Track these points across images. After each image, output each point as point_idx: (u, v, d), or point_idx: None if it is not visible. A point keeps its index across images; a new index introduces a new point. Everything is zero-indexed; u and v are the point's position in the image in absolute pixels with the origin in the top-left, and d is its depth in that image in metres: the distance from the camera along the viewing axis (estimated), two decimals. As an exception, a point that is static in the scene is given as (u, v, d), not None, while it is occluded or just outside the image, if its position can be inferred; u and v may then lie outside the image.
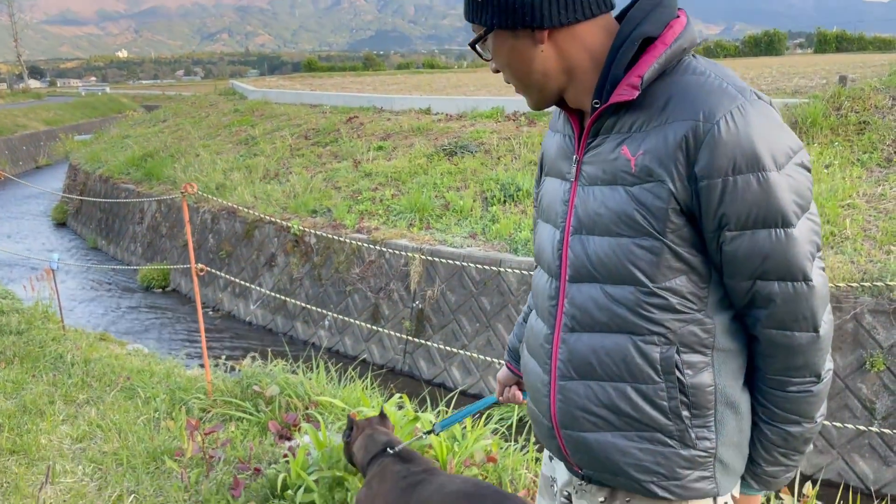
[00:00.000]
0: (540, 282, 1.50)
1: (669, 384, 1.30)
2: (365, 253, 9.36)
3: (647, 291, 1.28)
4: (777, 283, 1.25)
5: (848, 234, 6.69)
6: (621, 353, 1.32)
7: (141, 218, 14.15)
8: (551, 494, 1.63)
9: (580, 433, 1.39)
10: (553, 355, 1.42)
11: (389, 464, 2.77)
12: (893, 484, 5.75)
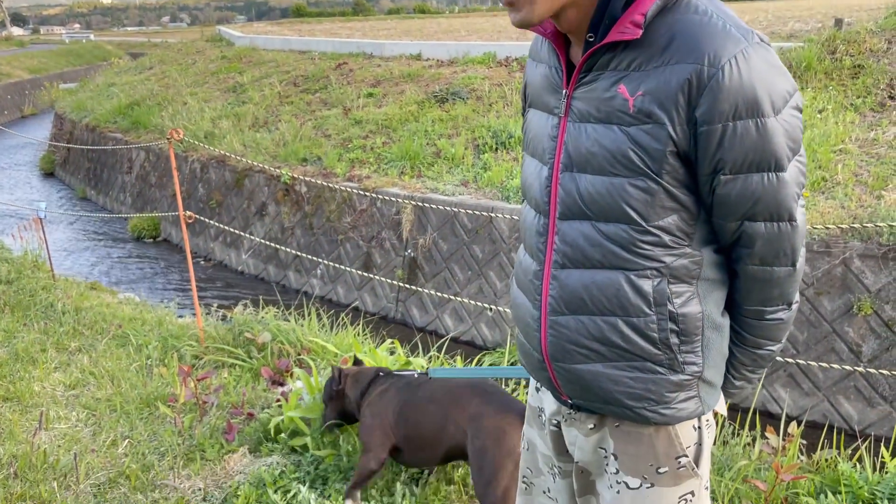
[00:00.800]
0: (528, 218, 1.50)
1: (660, 315, 1.33)
2: (356, 201, 9.32)
3: (641, 230, 1.30)
4: (764, 224, 1.29)
5: (839, 179, 6.69)
6: (613, 287, 1.34)
7: (129, 167, 14.01)
8: (540, 424, 1.66)
9: (572, 365, 1.41)
10: (543, 291, 1.43)
11: (385, 383, 2.90)
12: (877, 424, 5.86)
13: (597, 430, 1.48)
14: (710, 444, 1.48)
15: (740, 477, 2.92)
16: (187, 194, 11.70)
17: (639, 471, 1.44)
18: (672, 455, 1.43)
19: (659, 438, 1.42)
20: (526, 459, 1.74)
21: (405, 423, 2.78)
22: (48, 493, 3.04)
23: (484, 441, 2.47)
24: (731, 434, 3.48)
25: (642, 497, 1.45)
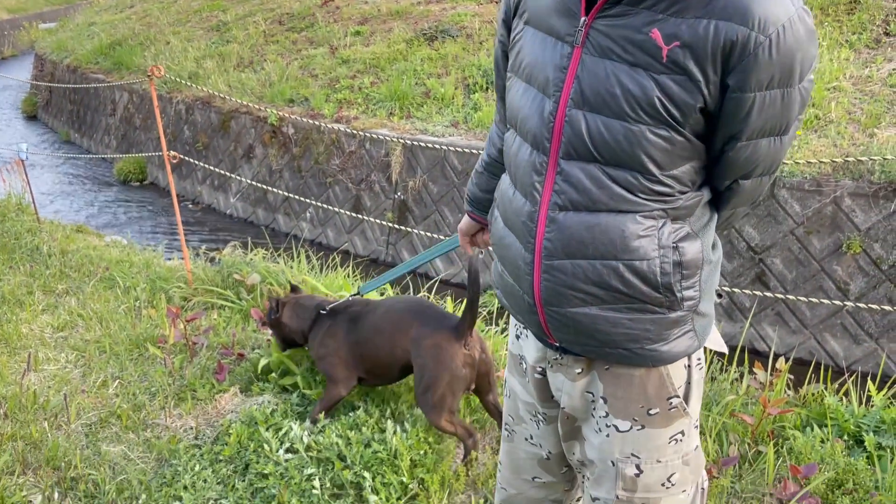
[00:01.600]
0: (521, 153, 1.40)
1: (664, 259, 1.30)
2: (345, 143, 9.20)
3: (653, 179, 1.26)
4: (752, 180, 1.33)
5: (833, 117, 6.63)
6: (618, 231, 1.28)
7: (113, 109, 13.76)
8: (521, 372, 1.64)
9: (566, 310, 1.36)
10: (538, 234, 1.35)
11: (329, 320, 3.06)
12: (862, 361, 5.94)
13: (584, 375, 1.46)
14: (700, 383, 1.46)
15: (728, 412, 2.95)
16: (173, 137, 11.53)
17: (629, 413, 1.42)
18: (663, 396, 1.41)
19: (650, 380, 1.40)
20: (508, 407, 1.72)
21: (361, 359, 2.96)
22: (39, 433, 3.05)
23: (424, 359, 2.71)
24: (719, 370, 3.51)
25: (632, 439, 1.44)
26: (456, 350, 2.69)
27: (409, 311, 2.87)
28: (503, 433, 1.76)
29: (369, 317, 2.97)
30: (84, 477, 2.78)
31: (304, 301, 3.22)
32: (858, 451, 2.72)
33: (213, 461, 2.85)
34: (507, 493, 1.77)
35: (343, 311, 3.09)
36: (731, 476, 2.63)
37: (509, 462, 1.74)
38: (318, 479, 2.66)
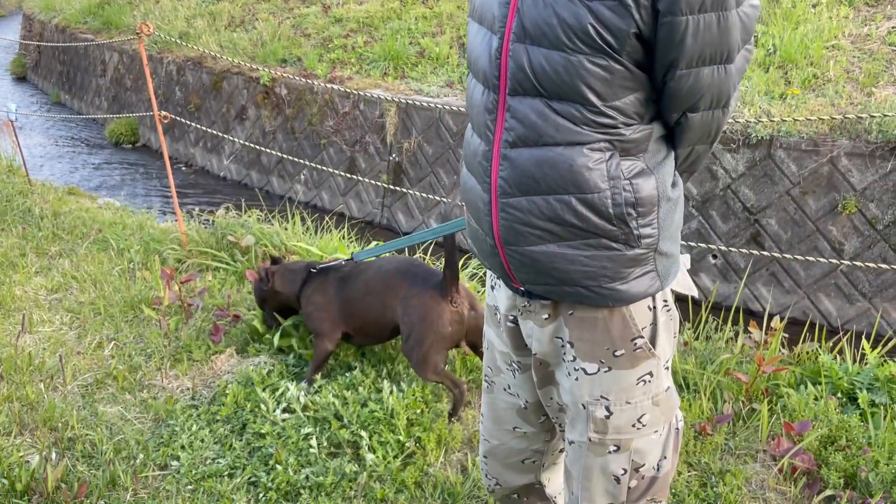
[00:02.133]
0: (475, 94, 1.41)
1: (615, 190, 1.29)
2: (338, 104, 9.11)
3: (595, 110, 1.26)
4: (702, 114, 1.31)
5: (831, 76, 6.57)
6: (567, 164, 1.29)
7: (103, 70, 13.57)
8: (496, 322, 1.64)
9: (525, 248, 1.37)
10: (493, 172, 1.36)
11: (320, 277, 3.12)
12: (855, 320, 5.98)
13: (552, 321, 1.47)
14: (669, 326, 1.46)
15: (723, 370, 2.96)
16: (164, 98, 11.39)
17: (595, 356, 1.43)
18: (627, 337, 1.42)
19: (613, 321, 1.41)
20: (487, 358, 1.74)
21: (350, 317, 3.01)
22: (35, 394, 3.05)
23: (411, 317, 2.78)
24: (714, 329, 3.52)
25: (600, 381, 1.44)
26: (443, 308, 2.75)
27: (398, 271, 2.92)
28: (483, 385, 1.77)
29: (360, 276, 3.02)
30: (81, 437, 2.78)
31: (293, 266, 3.26)
32: (852, 408, 2.74)
33: (210, 421, 2.86)
34: (490, 445, 1.78)
35: (334, 270, 3.13)
36: (726, 433, 2.66)
37: (490, 413, 1.76)
38: (314, 439, 2.67)
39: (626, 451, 1.47)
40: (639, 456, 1.48)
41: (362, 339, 3.12)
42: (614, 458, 1.47)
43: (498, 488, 1.83)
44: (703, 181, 6.56)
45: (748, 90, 6.61)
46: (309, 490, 2.46)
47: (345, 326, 3.04)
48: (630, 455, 1.47)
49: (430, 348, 2.75)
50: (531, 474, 1.79)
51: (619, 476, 1.49)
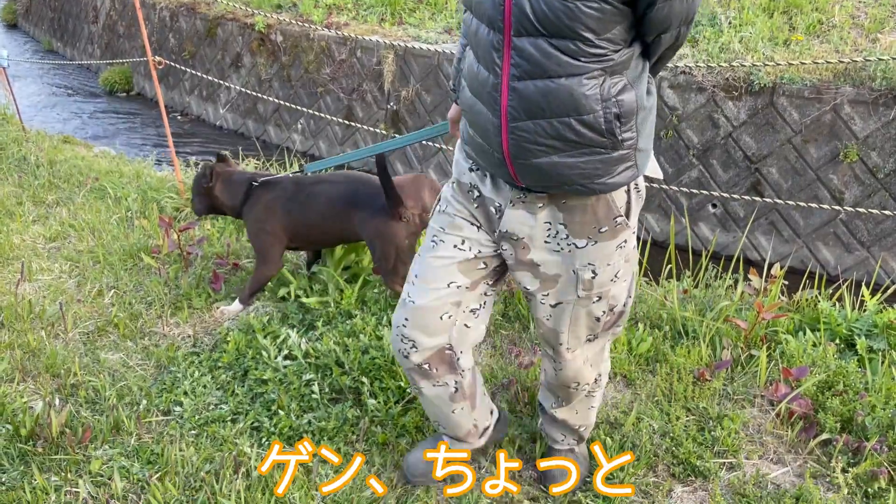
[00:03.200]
0: (480, 33, 1.61)
1: (606, 109, 1.54)
2: (335, 51, 8.96)
3: (591, 44, 1.48)
4: (671, 33, 1.54)
5: (836, 21, 6.47)
6: (567, 92, 1.53)
7: (95, 16, 13.31)
8: (469, 198, 1.87)
9: (531, 160, 1.63)
10: (503, 101, 1.60)
11: (264, 193, 3.16)
12: (853, 269, 5.99)
13: (544, 208, 1.75)
14: (638, 202, 1.79)
15: (722, 317, 2.97)
16: (158, 45, 11.20)
17: (585, 234, 1.76)
18: (610, 216, 1.74)
19: (599, 206, 1.72)
20: (438, 220, 1.94)
21: (298, 236, 3.14)
22: (37, 342, 3.06)
23: (371, 238, 2.97)
24: (714, 277, 3.53)
25: (588, 252, 1.77)
26: (395, 226, 2.92)
27: (344, 198, 3.02)
28: (428, 244, 1.94)
29: (311, 197, 3.08)
30: (84, 384, 2.80)
31: (238, 178, 3.27)
32: (850, 354, 2.76)
33: (213, 368, 2.88)
34: (414, 306, 1.93)
35: (280, 185, 3.17)
36: (724, 379, 2.68)
37: (423, 272, 1.93)
38: (316, 385, 2.69)
39: (605, 298, 1.85)
40: (614, 300, 1.87)
41: (309, 248, 3.33)
42: (597, 305, 1.86)
43: (413, 351, 1.97)
44: (704, 129, 6.51)
45: (752, 36, 6.51)
46: (311, 434, 2.48)
47: (292, 243, 3.18)
48: (608, 300, 1.86)
49: (395, 263, 2.94)
50: (445, 335, 1.96)
51: (599, 317, 1.89)
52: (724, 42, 6.55)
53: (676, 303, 3.09)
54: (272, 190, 3.16)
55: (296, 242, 3.21)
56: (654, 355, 2.83)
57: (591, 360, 2.04)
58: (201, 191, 3.29)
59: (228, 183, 3.26)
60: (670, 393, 2.61)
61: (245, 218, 3.22)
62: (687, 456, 2.32)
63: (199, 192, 3.31)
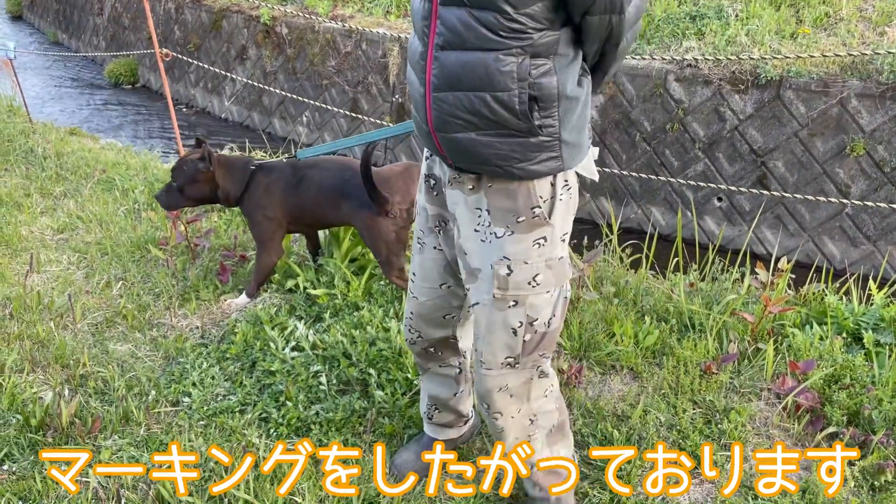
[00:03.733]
0: (415, 3, 1.66)
1: (521, 89, 1.54)
2: (340, 44, 8.96)
3: (509, 17, 1.48)
4: (599, 16, 1.51)
5: (843, 14, 6.44)
6: (483, 66, 1.53)
7: (101, 9, 13.32)
8: (428, 189, 1.92)
9: (452, 134, 1.64)
10: (427, 70, 1.62)
11: (265, 178, 3.17)
12: (859, 263, 5.98)
13: (475, 192, 1.74)
14: (568, 203, 1.74)
15: (728, 311, 2.97)
16: (163, 38, 11.20)
17: (504, 221, 1.71)
18: (528, 206, 1.70)
19: (520, 193, 1.69)
20: (419, 223, 2.00)
21: (297, 221, 3.20)
22: (46, 333, 3.08)
23: (360, 229, 3.03)
24: (721, 271, 3.53)
25: (504, 243, 1.72)
26: (381, 223, 2.95)
27: (334, 187, 3.05)
28: (415, 247, 2.02)
29: (307, 182, 3.11)
30: (93, 374, 2.82)
31: (236, 163, 3.24)
32: (857, 348, 2.77)
33: (221, 359, 2.89)
34: (417, 302, 2.05)
35: (278, 170, 3.17)
36: (731, 372, 2.68)
37: (420, 272, 2.02)
38: (324, 376, 2.70)
39: (522, 305, 1.75)
40: (533, 311, 1.76)
41: (304, 231, 3.38)
42: (513, 311, 1.75)
43: (419, 340, 2.11)
44: (710, 123, 6.50)
45: (759, 29, 6.49)
46: (319, 425, 2.50)
47: (290, 226, 3.22)
48: (525, 310, 1.75)
49: (387, 255, 2.99)
50: (449, 328, 2.09)
51: (517, 328, 1.77)
52: (731, 35, 6.53)
53: (683, 296, 3.09)
54: (271, 173, 3.16)
55: (294, 226, 3.25)
56: (661, 348, 2.84)
57: (513, 391, 1.87)
58: (198, 177, 3.17)
59: (230, 168, 3.19)
60: (677, 386, 2.62)
61: (244, 205, 3.20)
62: (694, 448, 2.33)
63: (195, 180, 3.17)
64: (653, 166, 6.85)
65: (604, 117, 7.03)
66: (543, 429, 1.98)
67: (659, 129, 6.78)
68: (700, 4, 7.08)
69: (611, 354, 2.80)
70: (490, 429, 1.99)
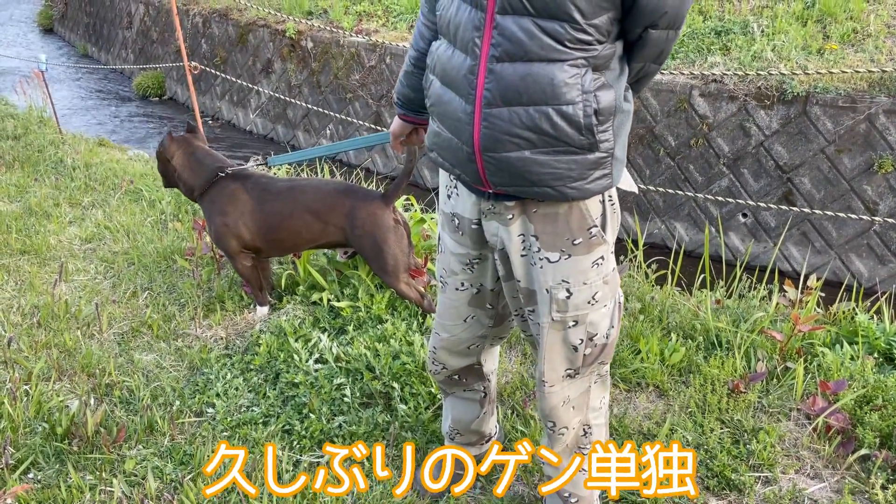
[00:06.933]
0: (460, 13, 1.54)
1: (587, 102, 1.48)
2: (364, 58, 9.01)
3: (577, 27, 1.43)
4: (661, 30, 1.49)
5: (871, 30, 6.38)
6: (548, 77, 1.46)
7: (129, 22, 13.52)
8: (453, 228, 1.84)
9: (503, 154, 1.54)
10: (479, 85, 1.52)
11: (231, 184, 3.06)
12: (888, 282, 5.89)
13: (515, 220, 1.67)
14: (614, 217, 1.70)
15: (757, 329, 2.94)
16: (190, 51, 11.34)
17: (557, 246, 1.65)
18: (584, 227, 1.64)
19: (572, 215, 1.63)
20: (441, 261, 1.95)
21: (270, 231, 3.03)
22: (72, 342, 3.10)
23: (363, 229, 2.92)
24: (748, 288, 3.49)
25: (562, 268, 1.67)
26: (389, 214, 2.94)
27: (338, 191, 3.00)
28: (439, 286, 1.99)
29: (291, 193, 3.01)
30: (119, 383, 2.83)
31: (203, 157, 3.14)
32: (889, 368, 2.72)
33: (244, 370, 2.90)
34: (441, 338, 2.04)
35: (249, 179, 3.08)
36: (759, 391, 2.64)
37: (444, 310, 1.99)
38: (347, 388, 2.70)
39: (582, 324, 1.72)
40: (592, 327, 1.73)
41: (270, 254, 3.20)
42: (573, 331, 1.72)
43: (444, 371, 2.10)
44: (735, 138, 6.45)
45: (784, 44, 6.44)
46: (342, 438, 2.49)
47: (256, 240, 3.07)
48: (586, 327, 1.72)
49: (395, 252, 2.93)
50: (473, 357, 2.08)
51: (577, 346, 1.74)
52: (757, 50, 6.49)
53: (709, 313, 3.06)
54: (241, 181, 3.07)
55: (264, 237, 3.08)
56: (688, 366, 2.80)
57: (574, 402, 1.86)
58: (160, 157, 3.19)
59: (191, 162, 3.12)
60: (704, 404, 2.59)
61: (204, 206, 3.12)
62: (721, 469, 2.29)
63: (158, 159, 3.20)
64: (677, 181, 6.81)
65: (628, 132, 7.00)
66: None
67: (683, 144, 6.74)
68: (725, 20, 7.05)
69: (636, 371, 2.77)
70: (550, 443, 1.95)
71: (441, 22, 1.64)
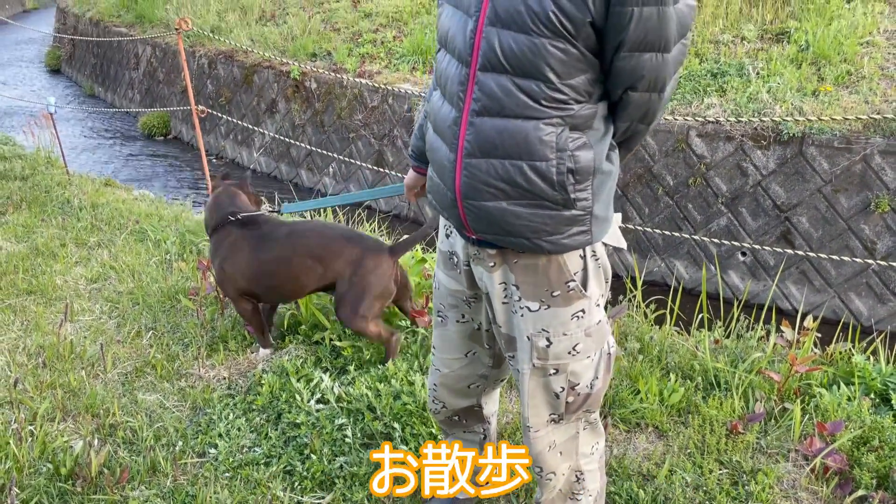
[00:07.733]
0: (449, 68, 1.62)
1: (560, 160, 1.52)
2: (367, 98, 9.16)
3: (553, 87, 1.48)
4: (641, 93, 1.52)
5: (865, 73, 6.49)
6: (522, 134, 1.51)
7: (136, 63, 13.75)
8: (451, 266, 1.90)
9: (481, 202, 1.60)
10: (460, 136, 1.59)
11: (235, 229, 3.16)
12: (887, 321, 5.91)
13: (497, 268, 1.73)
14: (598, 272, 1.73)
15: (755, 369, 2.96)
16: (196, 91, 11.52)
17: (537, 296, 1.70)
18: (562, 280, 1.68)
19: (551, 268, 1.67)
20: (437, 297, 2.00)
21: (267, 277, 3.10)
22: (77, 382, 3.14)
23: (360, 276, 3.00)
24: (746, 328, 3.52)
25: (541, 317, 1.71)
26: (391, 268, 3.04)
27: (343, 237, 3.09)
28: (436, 320, 2.03)
29: (292, 238, 3.08)
30: (122, 424, 2.86)
31: (223, 199, 3.27)
32: (885, 409, 2.74)
33: (247, 410, 2.93)
34: (441, 374, 2.07)
35: (251, 225, 3.17)
36: (757, 432, 2.66)
37: (442, 344, 2.03)
38: (349, 429, 2.72)
39: (563, 373, 1.75)
40: (574, 377, 1.76)
41: (271, 300, 3.28)
42: (554, 378, 1.76)
43: (444, 410, 2.15)
44: (733, 178, 6.53)
45: (780, 86, 6.55)
46: (343, 479, 2.51)
47: (253, 287, 3.14)
48: (567, 376, 1.76)
49: (376, 301, 3.01)
50: (473, 398, 2.11)
51: (558, 393, 1.78)
52: (752, 92, 6.60)
53: (708, 353, 3.09)
54: (244, 226, 3.16)
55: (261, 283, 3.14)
56: (686, 406, 2.83)
57: (561, 448, 1.88)
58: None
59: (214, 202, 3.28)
60: (703, 445, 2.61)
61: (211, 247, 3.25)
62: (720, 510, 2.31)
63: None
64: (675, 220, 6.87)
65: (626, 171, 7.09)
66: (590, 496, 1.98)
67: (681, 184, 6.82)
68: (721, 62, 7.18)
69: (636, 412, 2.79)
70: (541, 491, 1.97)
71: (437, 74, 1.72)
